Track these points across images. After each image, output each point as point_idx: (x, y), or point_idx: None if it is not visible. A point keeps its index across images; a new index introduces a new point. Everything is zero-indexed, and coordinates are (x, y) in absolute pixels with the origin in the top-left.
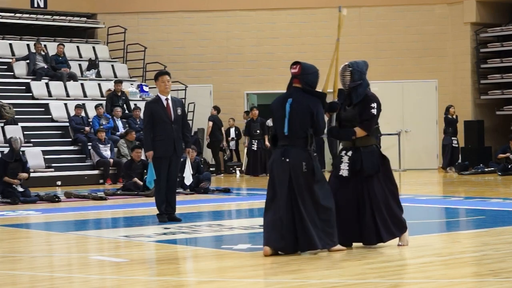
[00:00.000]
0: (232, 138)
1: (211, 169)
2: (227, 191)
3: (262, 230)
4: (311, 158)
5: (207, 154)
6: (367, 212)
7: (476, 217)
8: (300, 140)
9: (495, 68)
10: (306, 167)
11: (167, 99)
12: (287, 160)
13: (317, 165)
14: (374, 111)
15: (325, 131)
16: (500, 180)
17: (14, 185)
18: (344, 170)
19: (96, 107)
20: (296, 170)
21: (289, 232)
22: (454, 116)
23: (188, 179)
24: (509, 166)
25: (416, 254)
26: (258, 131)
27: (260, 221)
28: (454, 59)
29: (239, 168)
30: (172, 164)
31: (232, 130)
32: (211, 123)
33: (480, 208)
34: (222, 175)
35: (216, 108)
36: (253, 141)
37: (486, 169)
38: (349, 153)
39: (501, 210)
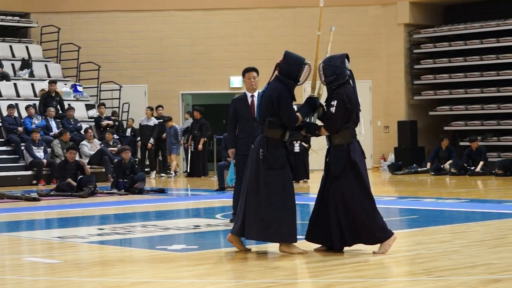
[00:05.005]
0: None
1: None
2: (162, 191)
3: (201, 230)
4: (270, 146)
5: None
6: (331, 214)
7: (409, 217)
8: (264, 127)
9: (428, 69)
10: (263, 153)
11: (252, 96)
12: (252, 146)
13: (278, 154)
14: (333, 109)
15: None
16: (433, 180)
17: None
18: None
19: (27, 107)
20: (253, 156)
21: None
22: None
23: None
24: (442, 166)
25: (348, 253)
26: (196, 132)
27: (196, 221)
28: (387, 60)
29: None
30: None
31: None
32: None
33: (413, 207)
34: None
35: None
36: (193, 142)
37: (419, 169)
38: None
39: (434, 210)
